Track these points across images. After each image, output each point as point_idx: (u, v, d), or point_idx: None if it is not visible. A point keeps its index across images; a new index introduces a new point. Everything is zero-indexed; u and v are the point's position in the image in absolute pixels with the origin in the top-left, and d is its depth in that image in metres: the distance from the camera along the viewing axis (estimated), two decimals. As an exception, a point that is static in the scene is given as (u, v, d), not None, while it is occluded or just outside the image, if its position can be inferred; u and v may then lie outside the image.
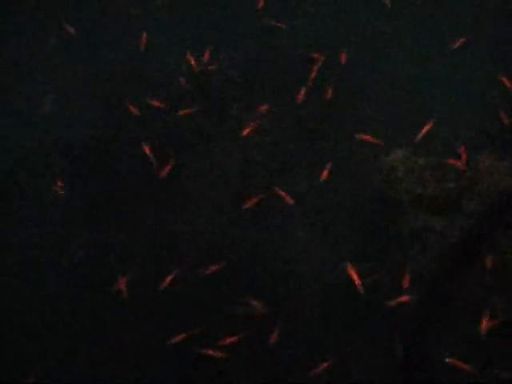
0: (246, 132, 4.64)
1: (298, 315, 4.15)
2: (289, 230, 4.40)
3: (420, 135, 4.55)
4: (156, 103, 4.83)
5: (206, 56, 4.97)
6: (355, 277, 4.16)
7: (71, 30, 5.16)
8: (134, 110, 4.82)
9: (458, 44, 4.84)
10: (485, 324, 3.90)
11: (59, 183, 4.61)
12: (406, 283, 4.12)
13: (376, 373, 3.95)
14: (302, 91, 4.74)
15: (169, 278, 4.26)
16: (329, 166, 4.47)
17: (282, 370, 3.99)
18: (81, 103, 4.94)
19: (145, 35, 5.10)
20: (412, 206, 4.34)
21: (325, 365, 3.98)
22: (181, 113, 4.79)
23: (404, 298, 4.09)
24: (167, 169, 4.61)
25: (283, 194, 4.46)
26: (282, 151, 4.64)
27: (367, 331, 4.07)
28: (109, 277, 4.32)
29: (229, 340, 4.05)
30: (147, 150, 4.68)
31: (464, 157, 4.40)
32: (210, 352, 4.04)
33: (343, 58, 4.84)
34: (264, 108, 4.73)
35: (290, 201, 4.42)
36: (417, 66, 4.85)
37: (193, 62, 4.95)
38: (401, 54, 4.90)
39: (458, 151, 4.45)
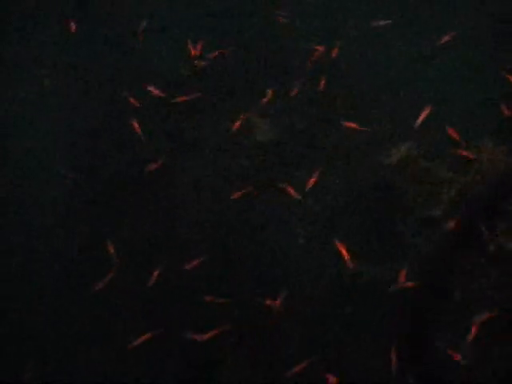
0: (236, 126, 4.65)
1: (299, 314, 4.14)
2: (289, 228, 4.40)
3: (418, 121, 4.55)
4: (156, 93, 4.87)
5: (199, 48, 5.00)
6: (344, 252, 4.20)
7: (73, 28, 5.18)
8: (134, 103, 4.85)
9: (444, 40, 4.83)
10: (473, 332, 3.91)
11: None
12: (402, 278, 4.12)
13: (376, 373, 3.94)
14: (296, 86, 4.74)
15: (156, 273, 4.25)
16: (316, 174, 4.46)
17: (280, 370, 3.97)
18: (81, 103, 4.95)
19: (142, 31, 5.13)
20: (411, 198, 4.34)
21: (304, 364, 3.98)
22: (179, 99, 4.80)
23: (408, 284, 4.09)
24: (157, 164, 4.62)
25: (287, 188, 4.46)
26: (281, 148, 4.65)
27: (367, 331, 4.07)
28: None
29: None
30: (136, 127, 4.72)
31: (459, 140, 4.43)
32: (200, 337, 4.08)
33: (334, 53, 4.84)
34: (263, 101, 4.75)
35: (294, 194, 4.44)
36: (414, 61, 4.87)
37: (193, 54, 4.98)
38: (397, 50, 4.91)
39: (455, 139, 4.46)
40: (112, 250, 4.36)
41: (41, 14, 5.26)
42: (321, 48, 4.87)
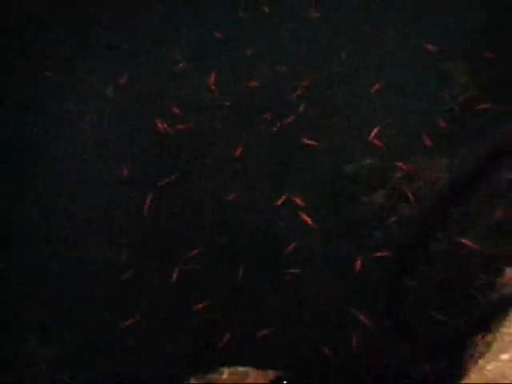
0: (238, 152, 4.78)
1: (299, 313, 4.27)
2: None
3: (371, 137, 4.71)
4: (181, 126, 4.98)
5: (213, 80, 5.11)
6: (310, 223, 4.39)
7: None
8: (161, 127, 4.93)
9: (374, 89, 4.93)
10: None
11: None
12: (358, 265, 4.22)
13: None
14: (276, 127, 4.89)
15: (175, 273, 4.31)
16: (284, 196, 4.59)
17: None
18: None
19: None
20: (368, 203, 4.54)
21: (267, 331, 4.07)
22: (183, 127, 4.92)
23: (380, 254, 4.22)
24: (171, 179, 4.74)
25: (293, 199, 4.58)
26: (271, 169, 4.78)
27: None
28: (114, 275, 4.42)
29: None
30: (160, 125, 4.89)
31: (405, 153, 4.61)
32: None
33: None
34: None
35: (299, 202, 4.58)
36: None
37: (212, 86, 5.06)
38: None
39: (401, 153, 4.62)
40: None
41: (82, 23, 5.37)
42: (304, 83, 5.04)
